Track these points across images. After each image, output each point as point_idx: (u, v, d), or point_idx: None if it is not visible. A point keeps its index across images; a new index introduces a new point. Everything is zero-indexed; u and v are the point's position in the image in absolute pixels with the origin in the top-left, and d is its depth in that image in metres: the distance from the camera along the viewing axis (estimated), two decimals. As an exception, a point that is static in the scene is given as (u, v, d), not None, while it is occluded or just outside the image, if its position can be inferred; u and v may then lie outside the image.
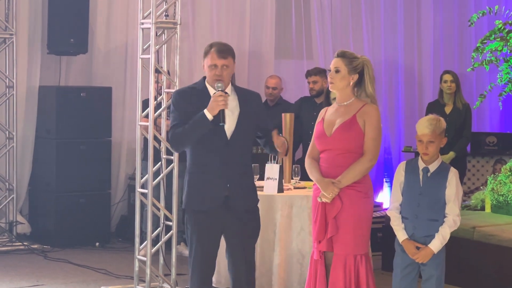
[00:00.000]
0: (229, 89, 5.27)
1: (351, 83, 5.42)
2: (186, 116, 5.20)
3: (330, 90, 5.52)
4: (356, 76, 5.41)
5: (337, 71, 5.40)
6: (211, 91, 5.25)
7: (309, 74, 9.09)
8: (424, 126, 5.26)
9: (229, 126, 5.21)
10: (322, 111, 5.57)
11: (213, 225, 5.25)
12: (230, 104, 5.20)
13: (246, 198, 5.29)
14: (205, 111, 5.13)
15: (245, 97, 5.34)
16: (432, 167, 5.28)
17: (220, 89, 5.17)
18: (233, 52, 5.29)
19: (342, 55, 5.44)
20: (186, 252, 8.34)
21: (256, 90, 5.59)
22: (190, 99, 5.26)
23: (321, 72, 9.03)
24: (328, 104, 7.47)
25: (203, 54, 5.29)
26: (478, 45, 7.99)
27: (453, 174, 5.25)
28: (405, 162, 5.42)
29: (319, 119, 5.54)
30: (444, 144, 5.34)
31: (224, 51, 5.23)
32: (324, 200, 5.36)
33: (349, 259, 5.36)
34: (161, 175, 6.87)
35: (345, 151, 5.37)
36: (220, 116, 5.14)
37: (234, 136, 5.21)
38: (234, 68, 5.34)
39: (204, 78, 5.35)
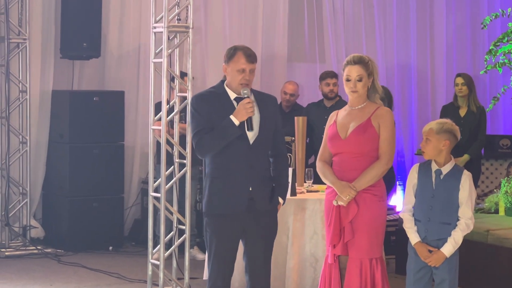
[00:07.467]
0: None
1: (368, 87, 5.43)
2: (209, 121, 5.16)
3: (352, 98, 5.45)
4: (371, 79, 5.41)
5: (360, 80, 5.38)
6: (231, 95, 5.22)
7: (329, 76, 8.93)
8: (427, 124, 5.30)
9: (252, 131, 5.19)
10: (333, 114, 5.55)
11: (234, 228, 5.23)
12: None
13: (268, 200, 5.26)
14: (232, 117, 5.11)
15: (263, 101, 5.31)
16: (445, 170, 5.25)
17: (246, 95, 5.16)
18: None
19: (361, 61, 5.39)
20: (199, 256, 8.36)
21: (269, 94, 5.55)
22: (212, 103, 5.21)
23: (336, 76, 9.01)
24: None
25: (225, 57, 5.24)
26: (491, 47, 7.96)
27: (466, 177, 5.22)
28: (418, 164, 5.40)
29: (330, 121, 5.52)
30: (446, 147, 5.22)
31: (252, 55, 5.24)
32: (340, 203, 5.34)
33: (364, 263, 5.35)
34: (174, 178, 6.87)
35: (359, 154, 5.36)
36: (248, 123, 5.13)
37: (256, 141, 5.20)
38: None
39: (223, 81, 5.31)
